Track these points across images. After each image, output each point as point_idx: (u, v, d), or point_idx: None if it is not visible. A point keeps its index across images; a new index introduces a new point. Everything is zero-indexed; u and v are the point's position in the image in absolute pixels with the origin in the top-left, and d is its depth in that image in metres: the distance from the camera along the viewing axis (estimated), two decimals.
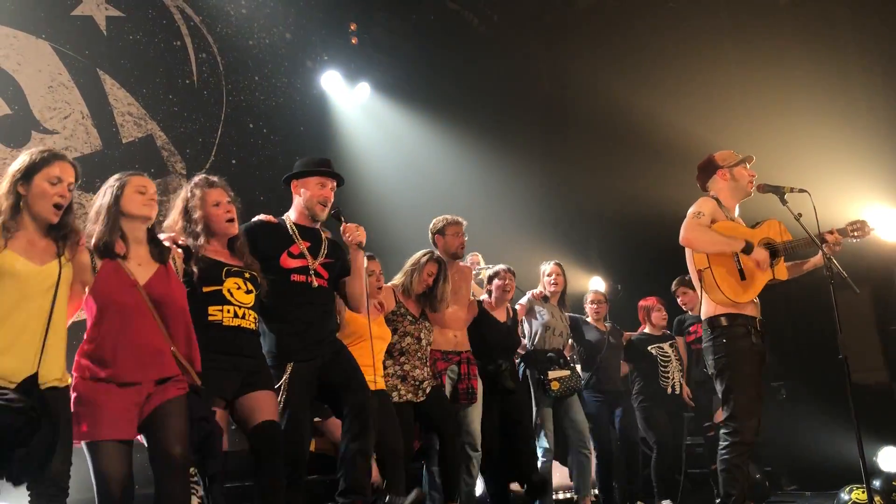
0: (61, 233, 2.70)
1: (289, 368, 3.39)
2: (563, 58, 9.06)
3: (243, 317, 3.20)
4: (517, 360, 5.32)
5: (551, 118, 9.74)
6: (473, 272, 5.31)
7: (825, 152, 6.75)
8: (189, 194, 3.31)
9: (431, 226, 4.86)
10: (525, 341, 5.41)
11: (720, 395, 3.76)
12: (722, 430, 3.70)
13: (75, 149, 5.88)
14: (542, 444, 5.16)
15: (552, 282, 5.49)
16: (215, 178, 3.39)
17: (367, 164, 7.87)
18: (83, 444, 2.69)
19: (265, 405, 3.18)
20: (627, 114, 7.95)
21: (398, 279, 4.59)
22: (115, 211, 2.87)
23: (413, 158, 8.28)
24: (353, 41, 8.13)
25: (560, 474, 5.75)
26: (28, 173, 2.63)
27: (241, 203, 3.61)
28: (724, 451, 3.66)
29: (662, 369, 5.97)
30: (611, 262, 8.82)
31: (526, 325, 5.43)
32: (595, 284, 7.83)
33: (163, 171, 6.39)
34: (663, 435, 5.81)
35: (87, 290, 2.82)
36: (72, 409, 2.69)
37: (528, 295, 5.49)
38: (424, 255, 4.61)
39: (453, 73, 8.83)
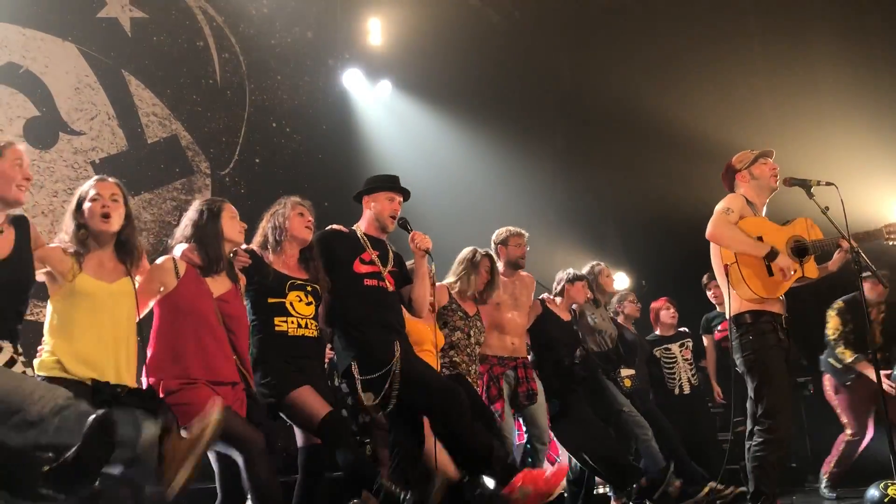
0: (126, 249, 2.95)
1: (397, 356, 3.49)
2: (585, 54, 8.99)
3: (306, 326, 3.49)
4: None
5: (573, 115, 9.68)
6: None
7: (852, 145, 6.65)
8: (279, 206, 3.62)
9: (494, 237, 5.00)
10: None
11: (751, 393, 3.70)
12: (757, 427, 3.62)
13: (101, 149, 5.95)
14: None
15: (611, 284, 5.51)
16: (306, 202, 3.66)
17: (389, 162, 7.83)
18: None
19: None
20: (651, 111, 7.88)
21: (451, 280, 4.63)
22: (216, 233, 3.23)
23: (435, 156, 8.26)
24: (375, 39, 8.14)
25: None
26: (78, 204, 2.91)
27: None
28: (758, 448, 3.59)
29: (668, 371, 5.95)
30: (633, 260, 8.76)
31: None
32: (620, 281, 7.78)
33: (187, 170, 6.45)
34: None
35: (161, 290, 3.07)
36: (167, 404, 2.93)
37: None
38: (474, 252, 4.66)
39: (474, 70, 8.79)
